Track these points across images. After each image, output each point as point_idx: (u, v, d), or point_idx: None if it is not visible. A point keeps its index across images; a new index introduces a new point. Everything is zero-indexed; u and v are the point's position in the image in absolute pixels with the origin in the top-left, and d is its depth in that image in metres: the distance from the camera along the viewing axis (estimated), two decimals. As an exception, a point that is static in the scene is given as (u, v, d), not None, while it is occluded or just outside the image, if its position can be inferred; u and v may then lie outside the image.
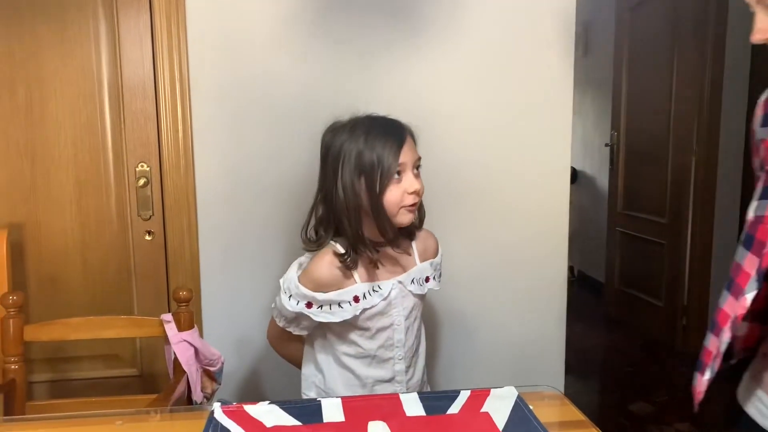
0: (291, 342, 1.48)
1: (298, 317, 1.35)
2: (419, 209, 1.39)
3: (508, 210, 1.98)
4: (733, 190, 3.31)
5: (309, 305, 1.31)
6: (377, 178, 1.26)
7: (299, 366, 1.50)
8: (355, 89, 1.85)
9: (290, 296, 1.32)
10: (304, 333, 1.41)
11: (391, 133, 1.29)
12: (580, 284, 4.69)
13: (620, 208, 3.94)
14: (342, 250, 1.31)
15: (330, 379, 1.40)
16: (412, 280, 1.39)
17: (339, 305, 1.31)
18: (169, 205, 1.84)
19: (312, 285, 1.30)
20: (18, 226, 1.83)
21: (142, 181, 1.86)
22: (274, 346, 1.51)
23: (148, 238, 1.89)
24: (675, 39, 3.36)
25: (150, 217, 1.88)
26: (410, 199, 1.30)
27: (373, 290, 1.33)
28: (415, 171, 1.31)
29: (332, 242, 1.33)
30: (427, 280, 1.44)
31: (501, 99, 1.93)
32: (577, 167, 4.62)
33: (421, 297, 1.43)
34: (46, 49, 1.79)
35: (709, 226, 3.31)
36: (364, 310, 1.32)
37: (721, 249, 3.33)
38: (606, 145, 4.07)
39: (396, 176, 1.27)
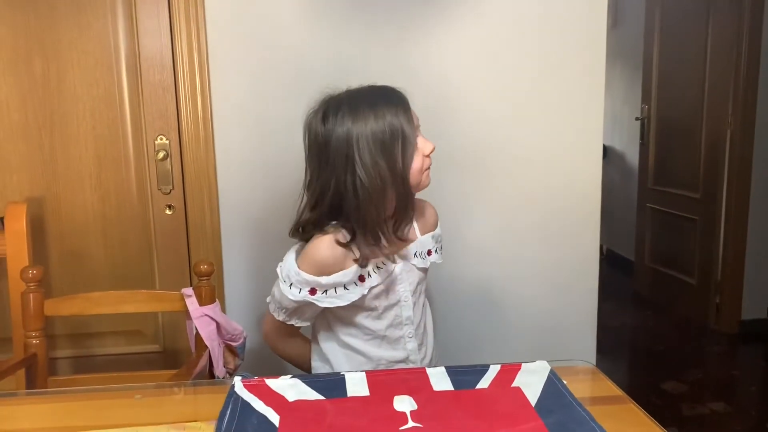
0: (291, 338, 1.40)
1: (301, 307, 1.27)
2: None
3: (538, 187, 1.91)
4: (770, 164, 3.21)
5: (313, 291, 1.23)
6: (400, 150, 1.19)
7: (300, 365, 1.43)
8: (379, 57, 1.79)
9: (291, 285, 1.24)
10: (306, 324, 1.33)
11: (395, 100, 1.22)
12: (609, 262, 4.61)
13: (651, 184, 3.84)
14: (347, 238, 1.22)
15: (338, 365, 1.33)
16: (415, 254, 1.32)
17: (345, 287, 1.24)
18: (189, 178, 1.81)
19: (314, 269, 1.23)
20: (38, 200, 1.81)
21: (161, 155, 1.82)
22: (273, 345, 1.41)
23: (168, 212, 1.86)
24: (710, 5, 3.24)
25: (170, 191, 1.85)
26: (428, 162, 1.25)
27: (377, 267, 1.27)
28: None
29: (332, 227, 1.24)
30: (429, 253, 1.37)
31: (530, 72, 1.86)
32: (605, 143, 4.49)
33: (425, 271, 1.36)
34: (63, 19, 1.76)
35: (744, 201, 3.21)
36: (371, 288, 1.26)
37: (758, 224, 3.24)
38: (636, 119, 3.96)
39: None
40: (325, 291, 1.24)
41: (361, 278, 1.25)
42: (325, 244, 1.23)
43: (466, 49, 1.83)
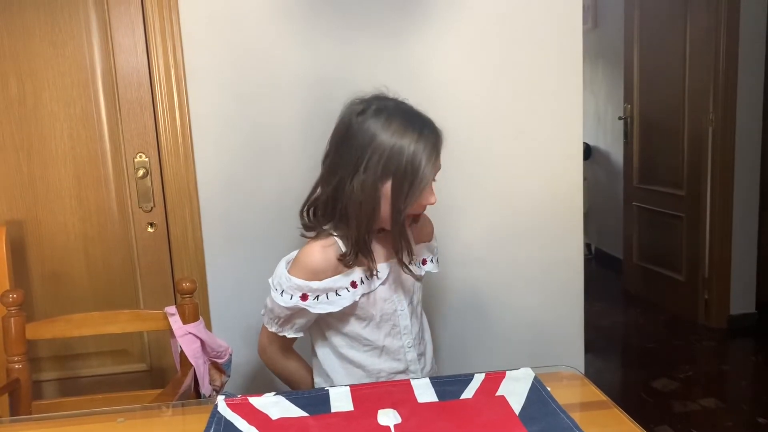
0: (285, 353, 1.39)
1: (293, 315, 1.26)
2: None
3: (520, 188, 1.92)
4: (752, 159, 3.23)
5: (304, 297, 1.23)
6: (408, 188, 1.17)
7: (296, 385, 1.41)
8: (358, 66, 1.79)
9: (282, 292, 1.23)
10: (299, 335, 1.32)
11: (431, 139, 1.19)
12: (597, 261, 4.62)
13: (636, 182, 3.85)
14: (343, 249, 1.23)
15: (339, 382, 1.32)
16: (410, 262, 1.31)
17: (336, 293, 1.23)
18: (170, 195, 1.79)
19: (304, 274, 1.22)
20: (17, 223, 1.80)
21: (141, 172, 1.81)
22: (268, 360, 1.40)
23: (150, 230, 1.85)
24: (687, 4, 3.26)
25: (151, 208, 1.84)
26: (421, 209, 1.25)
27: (371, 274, 1.27)
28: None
29: (335, 237, 1.25)
30: (424, 262, 1.39)
31: (507, 74, 1.86)
32: (590, 143, 4.52)
33: (420, 279, 1.37)
34: (37, 39, 1.75)
35: (728, 197, 3.23)
36: (364, 295, 1.26)
37: (742, 219, 3.26)
38: (619, 118, 3.98)
39: None
40: (317, 297, 1.23)
41: (353, 284, 1.25)
42: (316, 249, 1.23)
43: (441, 54, 1.83)
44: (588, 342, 2.03)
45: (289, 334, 1.30)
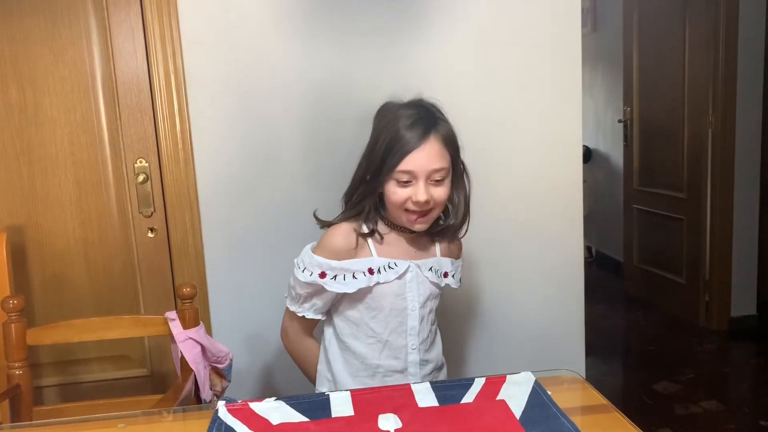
0: (304, 338, 1.43)
1: (312, 293, 1.32)
2: (464, 219, 1.38)
3: (520, 190, 1.92)
4: (752, 160, 3.23)
5: (323, 275, 1.28)
6: (378, 172, 1.26)
7: (307, 371, 1.46)
8: (356, 71, 1.79)
9: (303, 269, 1.30)
10: (318, 317, 1.37)
11: (411, 134, 1.24)
12: (598, 264, 4.62)
13: (636, 185, 3.86)
14: (366, 230, 1.31)
15: (337, 370, 1.37)
16: (430, 268, 1.36)
17: (353, 276, 1.29)
18: (170, 200, 1.80)
19: (326, 253, 1.29)
20: (18, 229, 1.80)
21: (141, 178, 1.81)
22: (288, 344, 1.45)
23: (150, 235, 1.85)
24: (686, 7, 3.27)
25: (152, 214, 1.84)
26: (412, 206, 1.26)
27: (389, 266, 1.31)
28: (436, 179, 1.26)
29: (360, 221, 1.32)
30: (445, 275, 1.41)
31: (507, 77, 1.87)
32: (590, 145, 4.53)
33: (438, 288, 1.40)
34: (37, 46, 1.75)
35: (728, 199, 3.23)
36: (378, 283, 1.30)
37: (742, 221, 3.26)
38: (619, 121, 3.98)
39: (403, 181, 1.25)
40: (335, 276, 1.28)
41: (371, 270, 1.30)
42: (340, 231, 1.31)
43: (439, 58, 1.83)
44: (589, 345, 2.03)
45: (309, 315, 1.35)
